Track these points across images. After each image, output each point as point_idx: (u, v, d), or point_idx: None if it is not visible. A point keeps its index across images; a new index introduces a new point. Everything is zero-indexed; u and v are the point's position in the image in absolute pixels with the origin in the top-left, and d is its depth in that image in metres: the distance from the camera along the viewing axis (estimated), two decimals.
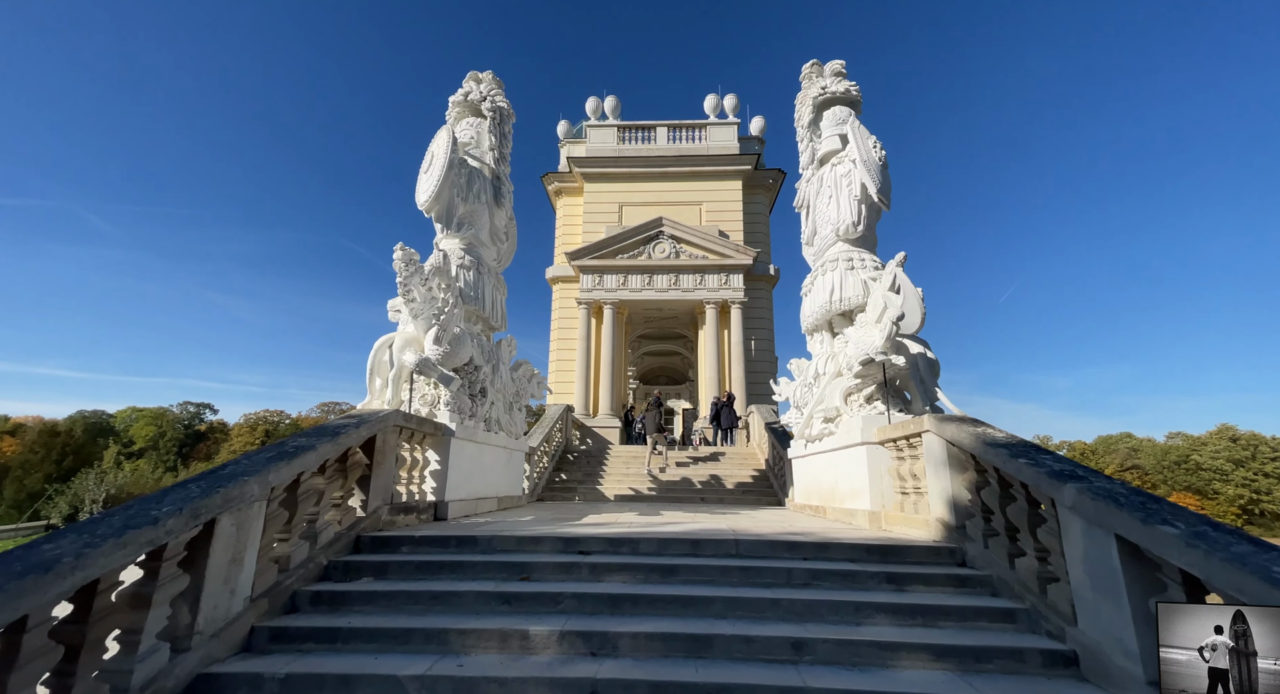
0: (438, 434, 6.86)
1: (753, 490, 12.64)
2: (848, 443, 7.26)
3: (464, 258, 8.86)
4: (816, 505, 8.73)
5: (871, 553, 4.86)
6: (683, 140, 23.44)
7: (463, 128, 9.86)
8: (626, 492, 12.62)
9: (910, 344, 7.36)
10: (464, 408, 7.60)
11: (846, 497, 7.39)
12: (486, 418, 8.52)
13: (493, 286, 9.39)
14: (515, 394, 10.05)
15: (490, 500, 8.50)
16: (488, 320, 9.27)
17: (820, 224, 9.30)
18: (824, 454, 8.41)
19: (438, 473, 6.94)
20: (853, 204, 8.62)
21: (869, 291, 8.24)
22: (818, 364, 8.99)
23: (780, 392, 10.90)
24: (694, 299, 20.82)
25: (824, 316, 8.90)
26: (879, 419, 6.88)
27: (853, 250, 8.79)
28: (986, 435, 4.60)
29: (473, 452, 7.85)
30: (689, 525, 6.33)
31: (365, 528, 5.25)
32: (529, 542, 5.09)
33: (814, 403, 8.66)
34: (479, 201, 9.20)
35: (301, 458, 4.26)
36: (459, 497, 7.29)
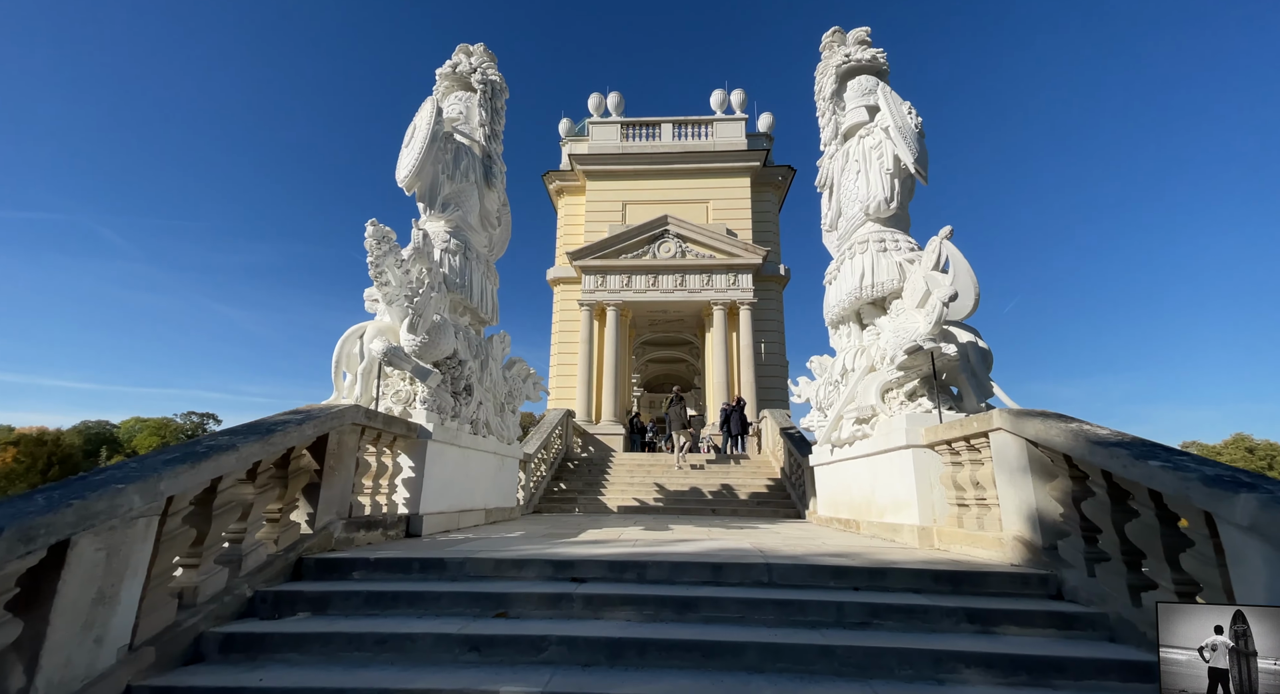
0: (411, 436, 5.90)
1: (768, 501, 11.61)
2: (887, 446, 6.26)
3: (449, 241, 7.96)
4: (846, 519, 7.70)
5: (940, 581, 3.85)
6: (688, 137, 22.64)
7: (451, 102, 9.01)
8: (631, 503, 11.61)
9: (959, 332, 6.38)
10: (445, 407, 6.65)
11: (886, 509, 6.37)
12: (473, 419, 7.57)
13: (482, 275, 8.48)
14: (508, 395, 9.10)
15: (476, 513, 7.52)
16: (476, 311, 8.35)
17: (846, 203, 8.36)
18: (856, 461, 7.40)
19: (411, 481, 5.98)
20: (884, 178, 7.68)
21: (905, 275, 7.28)
22: (845, 360, 8.01)
23: (799, 393, 9.91)
24: (701, 300, 19.90)
25: (852, 305, 7.93)
26: (926, 418, 5.88)
27: (884, 230, 7.84)
28: (1090, 433, 3.61)
29: (455, 457, 6.89)
30: (705, 543, 5.33)
31: (311, 548, 4.29)
32: (510, 565, 4.10)
33: (842, 402, 7.67)
34: (467, 180, 8.32)
35: (215, 461, 3.32)
36: (437, 509, 6.32)
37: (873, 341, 7.78)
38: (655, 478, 12.99)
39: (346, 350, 6.48)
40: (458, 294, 7.83)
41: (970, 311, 5.83)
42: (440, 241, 7.92)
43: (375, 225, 6.23)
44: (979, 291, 5.77)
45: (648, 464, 13.85)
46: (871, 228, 7.92)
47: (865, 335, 8.10)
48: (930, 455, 5.70)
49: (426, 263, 6.95)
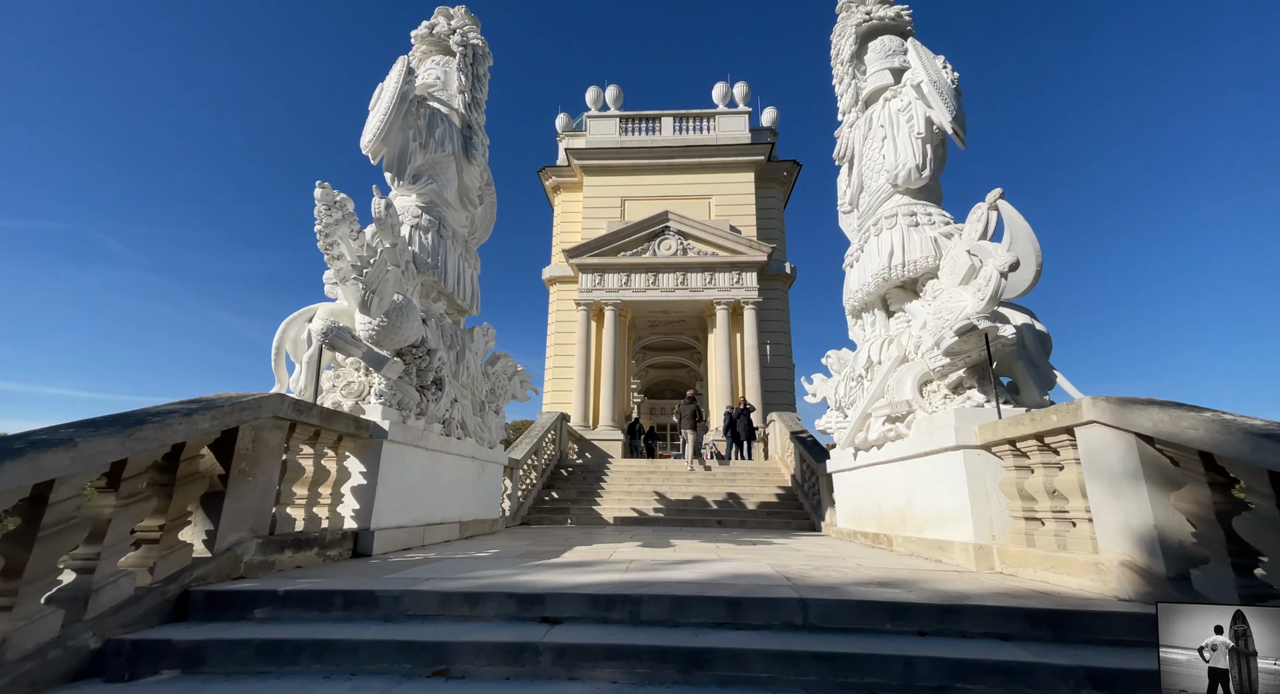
0: (361, 435, 4.93)
1: (779, 511, 10.59)
2: (929, 448, 5.28)
3: (421, 217, 7.04)
4: (874, 532, 6.70)
5: (1036, 623, 2.86)
6: (690, 131, 21.82)
7: (428, 67, 8.13)
8: (628, 513, 10.60)
9: (1010, 313, 5.42)
10: (408, 402, 5.68)
11: (927, 522, 5.38)
12: (444, 418, 6.60)
13: (459, 257, 7.55)
14: (489, 393, 8.13)
15: (448, 526, 6.52)
16: (452, 298, 7.41)
17: (870, 176, 7.44)
18: (886, 466, 6.41)
19: (361, 490, 5.00)
20: (914, 143, 6.76)
21: (940, 252, 6.34)
22: (870, 351, 7.04)
23: (814, 391, 8.94)
24: (703, 300, 18.96)
25: (878, 289, 6.98)
26: (979, 413, 4.91)
27: (915, 203, 6.90)
28: (1243, 424, 2.64)
29: (421, 461, 5.91)
30: (715, 566, 4.34)
31: (206, 577, 3.30)
32: (462, 601, 3.12)
33: (868, 399, 6.70)
34: (442, 151, 7.41)
35: (33, 462, 2.35)
36: (395, 522, 5.33)
37: (902, 330, 6.83)
38: (655, 486, 11.98)
39: (292, 335, 5.53)
40: (429, 276, 6.89)
41: (1030, 285, 4.88)
42: (410, 217, 6.99)
43: (324, 188, 5.30)
44: (1041, 260, 4.81)
45: (647, 471, 12.84)
46: (900, 201, 6.98)
47: (893, 323, 7.15)
48: (985, 458, 4.72)
49: (390, 237, 6.01)
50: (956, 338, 4.79)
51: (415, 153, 7.09)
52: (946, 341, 4.89)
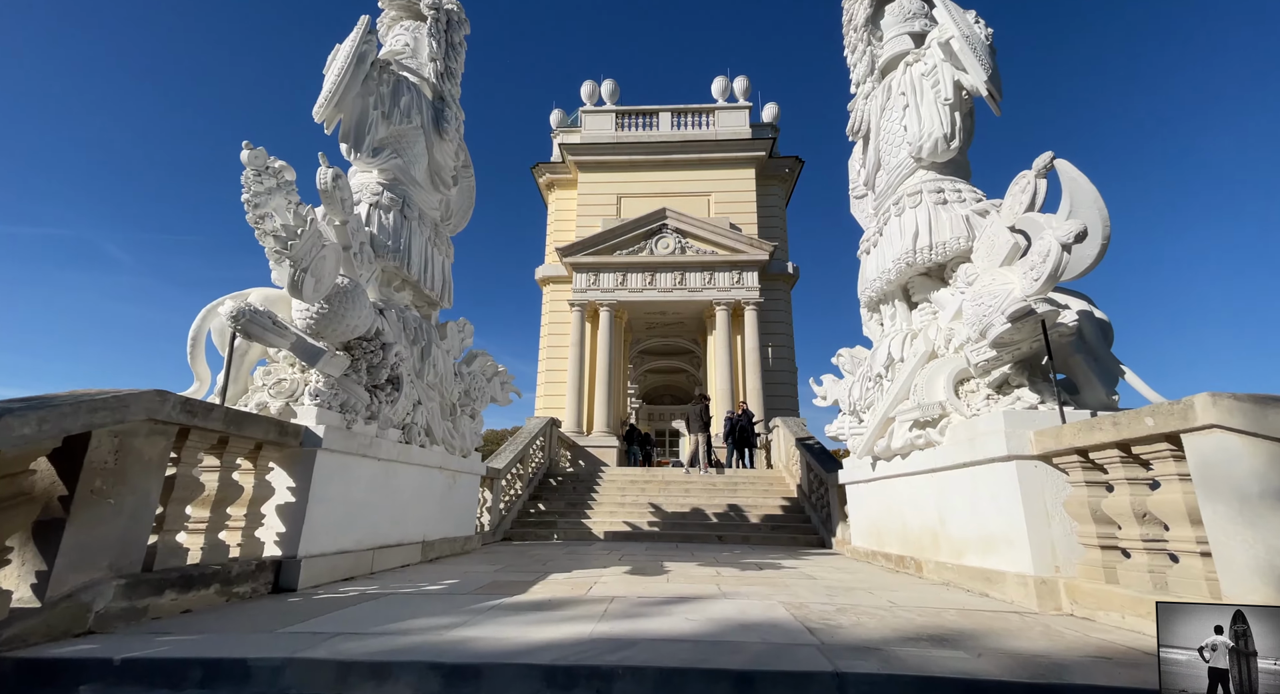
0: (287, 444, 4.07)
1: (784, 525, 9.72)
2: (970, 458, 4.43)
3: (382, 194, 6.21)
4: (897, 554, 5.83)
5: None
6: (688, 126, 21.08)
7: (396, 33, 7.34)
8: (620, 527, 9.72)
9: (1064, 298, 4.59)
10: (354, 404, 4.83)
11: (969, 547, 4.52)
12: (404, 423, 5.74)
13: (427, 241, 6.72)
14: (463, 394, 7.28)
15: (407, 548, 5.64)
16: (418, 287, 6.57)
17: (889, 150, 6.63)
18: (913, 478, 5.55)
19: (288, 510, 4.13)
20: (942, 110, 5.96)
21: (973, 232, 5.53)
22: (890, 348, 6.21)
23: (824, 394, 8.09)
24: (702, 300, 18.15)
25: (900, 276, 6.16)
26: (1035, 416, 4.06)
27: (941, 178, 6.09)
28: None
29: (370, 474, 5.05)
30: (715, 606, 3.48)
31: (28, 635, 2.44)
32: (366, 673, 2.25)
33: (890, 401, 5.85)
34: (409, 122, 6.60)
35: None
36: (334, 548, 4.46)
37: (928, 322, 6.01)
38: (651, 496, 11.10)
39: (215, 325, 4.68)
40: (390, 261, 6.06)
41: (1094, 261, 4.03)
42: (369, 194, 6.17)
43: (253, 150, 4.48)
44: (1109, 230, 3.98)
45: (642, 480, 11.97)
46: (924, 176, 6.18)
47: (916, 316, 6.32)
48: (1045, 471, 3.87)
49: (339, 213, 5.19)
50: (1009, 325, 3.95)
51: (376, 123, 6.28)
52: (995, 330, 4.04)
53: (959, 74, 5.84)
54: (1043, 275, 3.97)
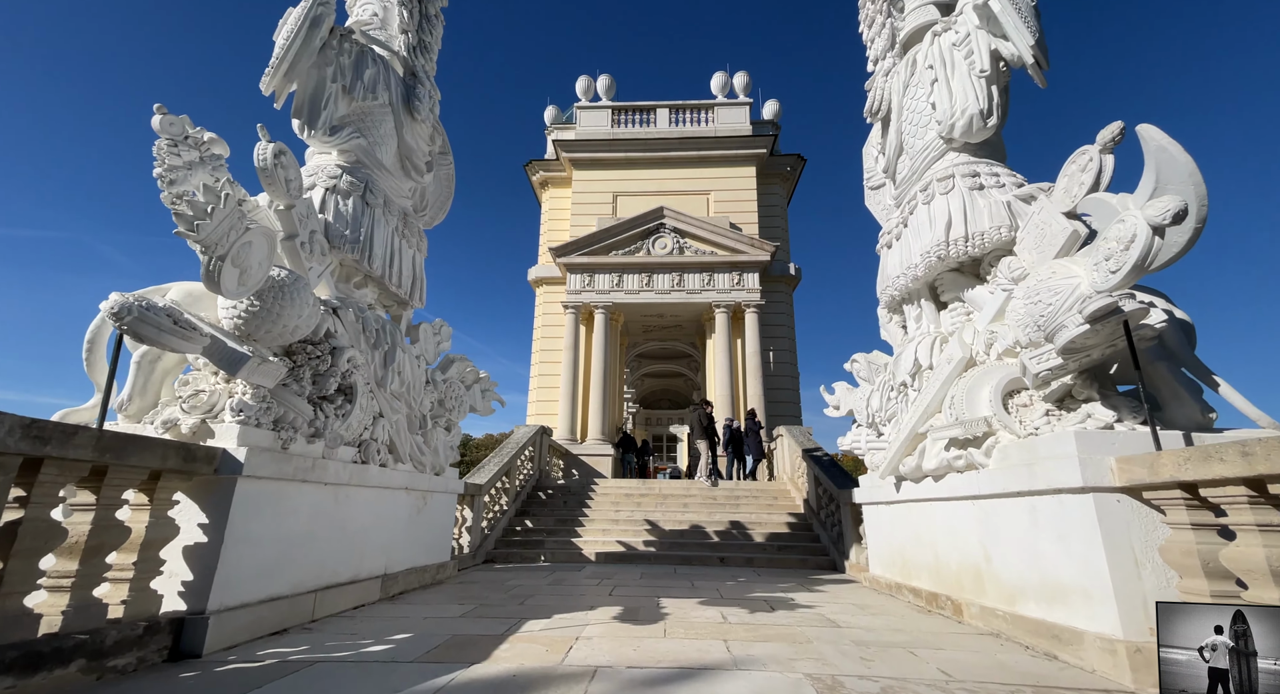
0: (196, 471, 3.30)
1: (792, 546, 8.95)
2: (1030, 486, 3.68)
3: (340, 177, 5.46)
4: (929, 591, 5.07)
5: None
6: (687, 123, 20.41)
7: (363, 3, 6.60)
8: (613, 547, 8.94)
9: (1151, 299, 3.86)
10: (292, 420, 4.06)
11: (1025, 593, 3.76)
12: (360, 440, 4.97)
13: (394, 233, 5.97)
14: (437, 404, 6.51)
15: (362, 586, 4.85)
16: (383, 283, 5.81)
17: (913, 132, 5.92)
18: (949, 504, 4.80)
19: (198, 552, 3.36)
20: (977, 83, 5.24)
21: (1017, 219, 4.81)
22: (917, 352, 5.48)
23: (836, 403, 7.36)
24: (701, 302, 17.44)
25: (929, 271, 5.44)
26: (1114, 439, 3.32)
27: (976, 161, 5.38)
28: None
29: (314, 502, 4.27)
30: (728, 689, 2.72)
31: None
32: None
33: (917, 414, 5.11)
34: (374, 99, 5.86)
35: None
36: (261, 595, 3.68)
37: (960, 324, 5.28)
38: (647, 512, 10.33)
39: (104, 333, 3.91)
40: (348, 254, 5.30)
41: (1185, 248, 3.27)
42: (325, 177, 5.42)
43: (166, 115, 3.74)
44: (1207, 211, 3.25)
45: (637, 494, 11.19)
46: (956, 159, 5.46)
47: (947, 317, 5.60)
48: (1132, 508, 3.13)
49: (283, 195, 4.43)
50: (1087, 327, 3.20)
51: (335, 97, 5.54)
52: (1068, 333, 3.30)
53: (997, 42, 5.13)
54: (1124, 266, 3.23)
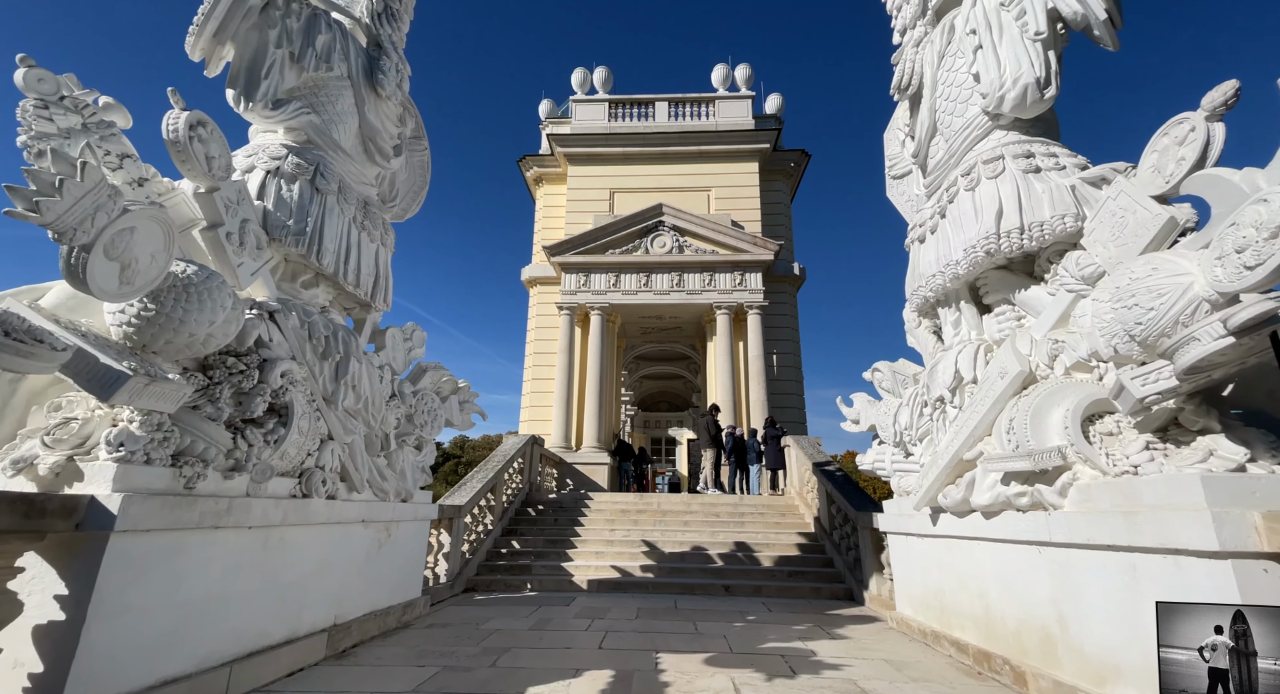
0: (47, 528, 2.50)
1: (804, 572, 8.16)
2: (1131, 540, 2.89)
3: (284, 158, 4.67)
4: (978, 648, 4.28)
5: None
6: (687, 117, 19.64)
7: None
8: (608, 573, 8.15)
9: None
10: (202, 452, 3.26)
11: (1125, 674, 2.96)
12: (303, 469, 4.17)
13: (350, 224, 5.17)
14: (405, 421, 5.71)
15: (304, 643, 4.05)
16: (336, 281, 5.01)
17: (950, 109, 5.14)
18: (1006, 546, 4.01)
19: (53, 633, 2.56)
20: (1031, 48, 4.46)
21: (1083, 207, 4.03)
22: (959, 363, 4.69)
23: (856, 416, 6.60)
24: (702, 303, 16.67)
25: (974, 268, 4.66)
26: (1257, 485, 2.54)
27: (1029, 140, 4.60)
28: None
29: (233, 552, 3.48)
30: None
31: None
32: None
33: (964, 437, 4.33)
34: (329, 69, 5.07)
35: None
36: (149, 680, 2.87)
37: (1011, 331, 4.50)
38: (644, 530, 9.54)
39: None
40: (292, 247, 4.50)
41: None
42: (266, 157, 4.62)
43: (34, 68, 2.94)
44: None
45: (634, 510, 10.39)
46: (1004, 138, 4.68)
47: (992, 322, 4.82)
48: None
49: (201, 175, 3.64)
50: (1229, 340, 2.42)
51: (280, 66, 4.74)
52: (1201, 349, 2.50)
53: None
54: (1270, 260, 2.45)
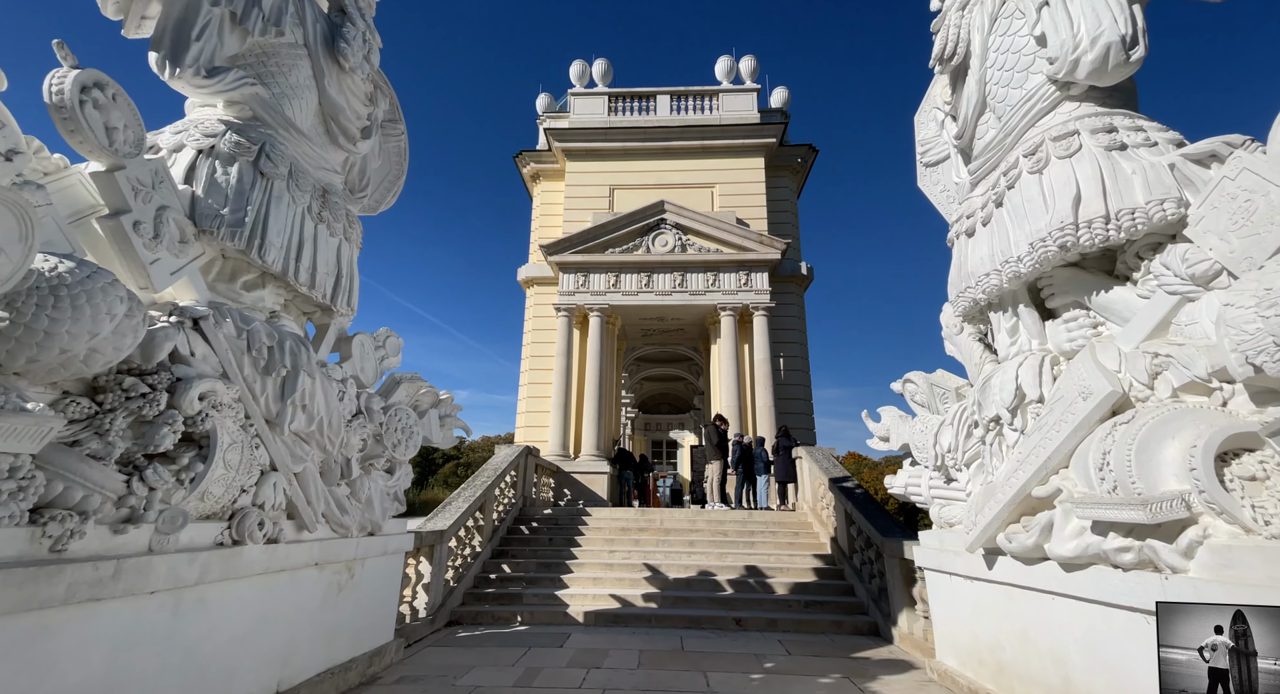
0: None
1: (821, 602, 7.42)
2: None
3: (222, 136, 3.93)
4: None
5: None
6: (690, 111, 18.89)
7: None
8: (607, 604, 7.41)
9: None
10: (82, 496, 2.53)
11: None
12: (234, 510, 3.44)
13: (304, 214, 4.43)
14: (372, 441, 4.98)
15: None
16: (285, 280, 4.28)
17: (1004, 79, 4.39)
18: (1094, 607, 3.26)
19: None
20: (1114, 1, 3.72)
21: (1185, 191, 3.29)
22: (1020, 377, 3.95)
23: (884, 432, 5.89)
24: (705, 304, 15.95)
25: (1041, 265, 3.91)
26: None
27: (1109, 112, 3.85)
28: None
29: (123, 628, 2.74)
30: None
31: None
32: None
33: (1031, 468, 3.59)
34: (279, 34, 4.33)
35: None
36: None
37: (1085, 342, 3.75)
38: (646, 553, 8.80)
39: None
40: (230, 241, 3.77)
41: None
42: (199, 134, 3.89)
43: None
44: None
45: (635, 529, 9.65)
46: (1079, 110, 3.93)
47: (1059, 331, 4.07)
48: None
49: (99, 151, 2.91)
50: None
51: (218, 27, 3.99)
52: None
53: None
54: None
